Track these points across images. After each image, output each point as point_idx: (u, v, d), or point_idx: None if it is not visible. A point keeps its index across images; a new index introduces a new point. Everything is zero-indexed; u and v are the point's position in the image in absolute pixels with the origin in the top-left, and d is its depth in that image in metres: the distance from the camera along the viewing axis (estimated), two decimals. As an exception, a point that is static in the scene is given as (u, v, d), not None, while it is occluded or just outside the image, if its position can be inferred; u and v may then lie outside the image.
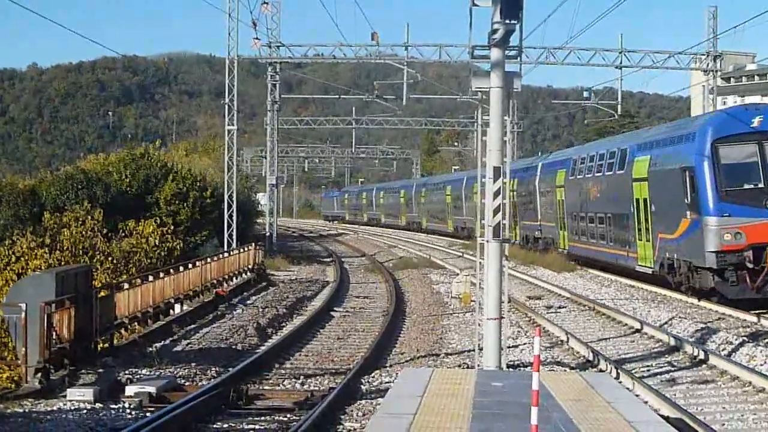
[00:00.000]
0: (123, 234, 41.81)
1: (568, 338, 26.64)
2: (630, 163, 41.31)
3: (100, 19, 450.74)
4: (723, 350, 24.43)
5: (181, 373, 22.17)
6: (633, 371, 21.70)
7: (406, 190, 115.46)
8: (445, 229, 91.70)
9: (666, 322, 29.82)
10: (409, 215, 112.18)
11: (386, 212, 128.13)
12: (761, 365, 22.17)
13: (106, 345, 25.16)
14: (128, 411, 18.19)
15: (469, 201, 79.64)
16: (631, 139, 44.27)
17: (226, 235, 52.88)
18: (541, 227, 58.71)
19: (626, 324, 29.90)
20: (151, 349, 25.62)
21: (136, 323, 28.37)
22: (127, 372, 21.65)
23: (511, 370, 21.09)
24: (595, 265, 48.24)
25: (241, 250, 46.92)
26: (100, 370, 21.75)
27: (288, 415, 17.89)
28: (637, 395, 18.25)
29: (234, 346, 26.70)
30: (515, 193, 60.95)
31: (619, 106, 63.33)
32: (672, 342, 25.51)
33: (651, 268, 38.88)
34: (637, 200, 39.98)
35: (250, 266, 46.67)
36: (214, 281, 39.06)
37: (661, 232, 37.36)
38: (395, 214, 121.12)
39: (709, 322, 29.78)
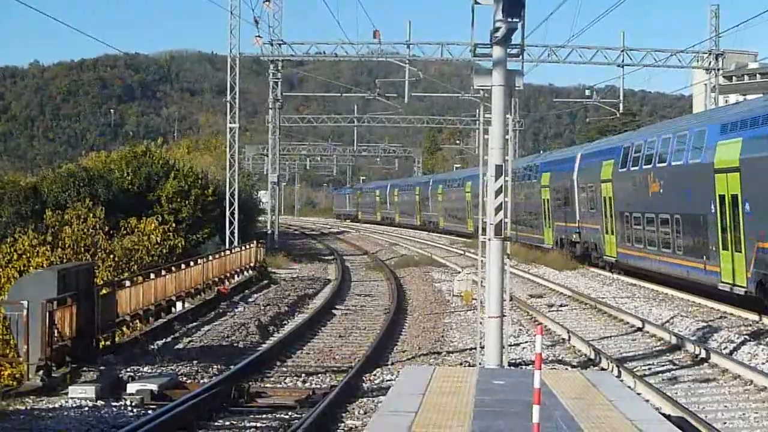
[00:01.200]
0: (125, 232, 41.82)
1: (569, 336, 26.64)
2: (710, 149, 32.79)
3: (102, 17, 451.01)
4: (724, 349, 24.43)
5: (182, 370, 22.18)
6: (635, 370, 21.70)
7: (421, 186, 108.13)
8: (465, 230, 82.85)
9: (667, 321, 29.82)
10: (425, 214, 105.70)
11: (401, 210, 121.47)
12: (763, 364, 22.17)
13: (108, 342, 25.17)
14: (130, 409, 18.20)
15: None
16: (710, 118, 35.65)
17: (227, 233, 52.88)
18: (581, 230, 50.76)
19: (628, 322, 29.90)
20: (152, 346, 25.64)
21: (137, 321, 28.38)
22: (128, 370, 21.66)
23: (512, 368, 21.09)
24: (654, 278, 40.15)
25: (243, 248, 46.93)
26: (102, 368, 21.76)
27: (289, 413, 17.89)
28: (638, 394, 18.26)
29: (235, 344, 26.71)
30: (548, 189, 56.90)
31: (620, 105, 63.41)
32: (673, 340, 25.51)
33: (742, 287, 30.14)
34: (721, 197, 31.54)
35: (251, 264, 46.69)
36: (216, 279, 39.07)
37: (760, 240, 28.80)
38: (410, 213, 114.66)
39: (711, 320, 29.77)
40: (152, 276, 30.43)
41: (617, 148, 44.47)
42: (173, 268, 33.30)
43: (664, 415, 15.50)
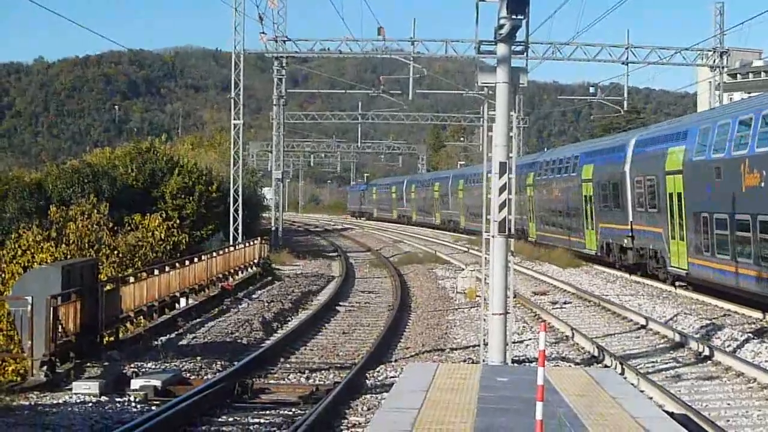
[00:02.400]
0: (129, 228, 41.86)
1: (573, 334, 26.65)
2: None
3: (107, 13, 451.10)
4: (728, 346, 24.42)
5: (186, 366, 22.20)
6: (638, 367, 21.70)
7: (441, 182, 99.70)
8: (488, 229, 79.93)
9: (671, 318, 29.81)
10: (445, 212, 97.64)
11: (418, 208, 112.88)
12: (766, 362, 22.16)
13: (112, 338, 25.19)
14: (133, 404, 18.23)
15: (520, 194, 61.38)
16: None
17: (231, 230, 52.91)
18: (634, 233, 42.62)
19: (631, 320, 29.90)
20: (156, 342, 25.66)
21: (141, 317, 28.39)
22: (132, 365, 21.68)
23: (516, 365, 21.10)
24: (744, 300, 31.50)
25: (247, 245, 46.94)
26: (106, 364, 21.78)
27: (293, 409, 17.91)
28: (642, 391, 18.28)
29: (239, 340, 26.73)
30: (591, 184, 49.09)
31: (625, 102, 63.35)
32: (677, 338, 25.51)
33: None
34: None
35: (255, 260, 46.71)
36: (220, 275, 39.09)
37: None
38: (429, 211, 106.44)
39: (715, 318, 29.76)
40: (156, 272, 30.44)
41: (691, 130, 35.37)
42: (177, 265, 33.32)
43: (667, 412, 15.51)
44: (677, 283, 37.56)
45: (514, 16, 19.23)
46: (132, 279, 28.31)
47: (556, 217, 56.47)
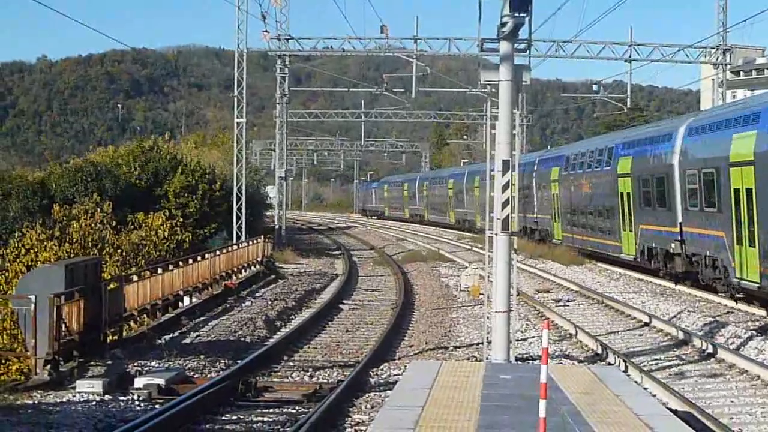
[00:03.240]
0: (132, 226, 41.86)
1: (576, 331, 26.65)
2: None
3: (110, 12, 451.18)
4: (731, 344, 24.41)
5: (189, 365, 22.21)
6: (641, 365, 21.70)
7: (455, 179, 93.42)
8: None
9: (674, 316, 29.80)
10: (459, 211, 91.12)
11: (431, 207, 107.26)
12: (770, 359, 22.16)
13: (115, 337, 25.20)
14: (137, 403, 18.24)
15: (543, 191, 60.72)
16: None
17: (235, 228, 52.92)
18: (685, 236, 36.08)
19: (635, 317, 29.89)
20: (160, 341, 25.68)
21: (145, 315, 28.41)
22: (136, 364, 21.69)
23: (519, 363, 21.10)
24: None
25: (250, 243, 46.96)
26: (109, 362, 21.79)
27: (296, 408, 17.92)
28: (645, 388, 18.29)
29: (243, 339, 26.74)
30: (629, 179, 42.13)
31: (628, 100, 63.18)
32: (680, 335, 25.51)
33: None
34: None
35: (258, 259, 46.73)
36: (223, 274, 39.10)
37: None
38: (443, 210, 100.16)
39: (718, 315, 29.76)
40: (160, 271, 30.46)
41: (765, 111, 28.87)
42: (180, 263, 33.35)
43: (670, 410, 15.51)
44: (738, 296, 31.49)
45: (517, 14, 19.22)
46: (135, 277, 28.32)
47: (586, 217, 50.53)
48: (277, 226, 64.85)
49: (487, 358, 20.58)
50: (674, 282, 37.65)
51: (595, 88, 70.93)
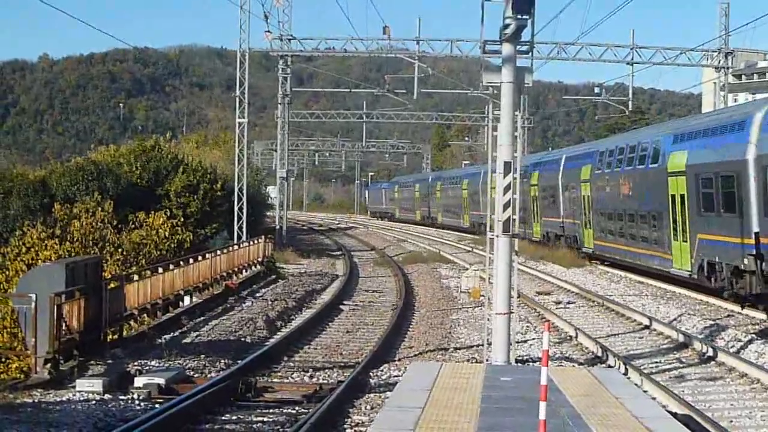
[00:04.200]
0: (133, 226, 41.85)
1: (577, 334, 26.64)
2: None
3: (112, 11, 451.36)
4: (732, 347, 24.41)
5: (190, 364, 22.22)
6: (641, 367, 21.69)
7: (470, 179, 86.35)
8: (530, 235, 62.64)
9: (675, 319, 29.79)
10: (474, 214, 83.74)
11: (444, 209, 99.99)
12: (770, 363, 22.14)
13: (116, 336, 25.21)
14: (137, 402, 18.24)
15: (571, 192, 53.51)
16: None
17: (236, 228, 52.93)
18: (764, 250, 28.75)
19: (635, 320, 29.88)
20: (160, 340, 25.68)
21: (145, 315, 28.42)
22: (136, 363, 21.69)
23: (519, 365, 21.10)
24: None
25: (251, 243, 46.97)
26: (110, 362, 21.80)
27: (296, 408, 17.92)
28: (645, 391, 18.27)
29: (243, 339, 26.74)
30: (683, 178, 35.33)
31: (630, 102, 63.29)
32: (681, 338, 25.50)
33: None
34: None
35: (259, 259, 46.74)
36: (224, 274, 39.11)
37: None
38: (456, 212, 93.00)
39: (718, 319, 29.74)
40: (160, 270, 30.47)
41: None
42: (181, 263, 33.36)
43: (670, 412, 15.50)
44: None
45: (519, 16, 19.24)
46: (136, 277, 28.33)
47: (625, 224, 43.41)
48: (278, 227, 64.86)
49: (487, 360, 20.58)
50: (741, 305, 31.15)
51: (596, 90, 71.00)
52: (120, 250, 37.84)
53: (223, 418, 17.12)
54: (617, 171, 44.50)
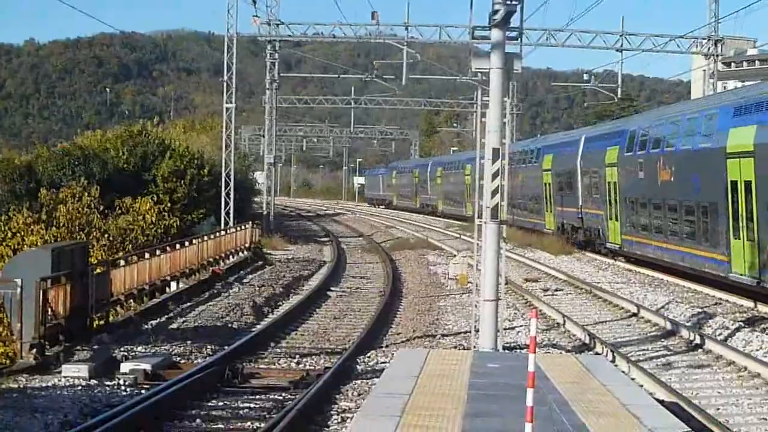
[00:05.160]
0: (120, 211, 41.78)
1: (564, 321, 26.64)
2: None
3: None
4: (719, 335, 24.42)
5: (176, 350, 22.16)
6: (629, 355, 21.70)
7: (473, 165, 71.28)
8: (543, 227, 57.81)
9: (663, 306, 29.82)
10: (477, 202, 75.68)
11: (445, 196, 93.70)
12: (757, 350, 22.17)
13: (102, 322, 25.15)
14: (123, 388, 18.18)
15: (592, 179, 47.59)
16: None
17: (223, 214, 52.83)
18: None
19: (623, 307, 29.90)
20: (146, 326, 25.62)
21: (131, 300, 28.36)
22: (122, 349, 21.64)
23: (507, 351, 21.08)
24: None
25: (238, 229, 46.89)
26: (96, 347, 21.75)
27: (283, 394, 17.87)
28: (632, 379, 18.27)
29: (230, 325, 26.69)
30: (752, 160, 28.43)
31: (619, 90, 63.14)
32: (668, 326, 25.52)
33: None
34: None
35: (246, 245, 46.66)
36: (211, 259, 39.04)
37: None
38: (458, 200, 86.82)
39: (706, 306, 29.77)
40: (147, 256, 30.41)
41: None
42: (168, 248, 33.27)
43: (658, 400, 15.50)
44: None
45: (508, 2, 19.19)
46: (122, 262, 28.25)
47: (665, 217, 36.97)
48: (265, 212, 64.78)
49: (474, 347, 20.56)
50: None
51: (585, 77, 70.84)
52: (106, 235, 37.76)
53: (210, 404, 17.07)
54: (654, 153, 37.61)
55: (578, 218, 50.27)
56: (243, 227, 47.59)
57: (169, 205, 45.54)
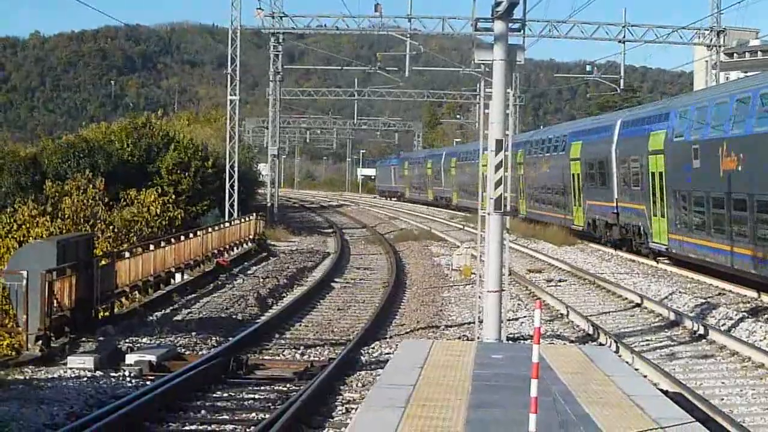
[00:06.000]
0: (124, 203, 41.81)
1: (568, 312, 26.68)
2: None
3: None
4: (723, 325, 24.46)
5: (181, 342, 22.22)
6: (633, 345, 21.74)
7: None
8: (572, 222, 52.43)
9: (666, 297, 29.84)
10: None
11: (460, 188, 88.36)
12: (761, 341, 22.21)
13: (107, 313, 25.21)
14: (128, 379, 18.24)
15: (630, 168, 41.75)
16: None
17: (227, 205, 52.86)
18: None
19: (626, 298, 29.93)
20: (151, 317, 25.68)
21: (136, 292, 28.41)
22: (127, 340, 21.70)
23: (511, 342, 21.13)
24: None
25: (242, 221, 46.94)
26: (101, 338, 21.79)
27: (288, 385, 17.93)
28: (636, 369, 18.31)
29: (234, 316, 26.74)
30: None
31: (621, 81, 63.10)
32: (672, 316, 25.54)
33: None
34: None
35: (251, 236, 46.70)
36: (215, 251, 39.09)
37: None
38: (475, 193, 65.07)
39: (709, 297, 29.80)
40: (152, 247, 30.44)
41: None
42: (172, 240, 33.32)
43: (661, 390, 15.54)
44: None
45: (511, -7, 19.18)
46: (127, 254, 28.29)
47: (729, 213, 30.70)
48: (269, 204, 64.81)
49: (478, 338, 20.61)
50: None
51: (588, 68, 70.79)
52: (111, 227, 37.75)
53: (215, 395, 17.13)
54: (717, 137, 31.41)
55: (613, 213, 44.70)
56: (247, 219, 47.63)
57: (173, 196, 45.54)
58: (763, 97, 28.37)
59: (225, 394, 17.20)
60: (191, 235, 35.97)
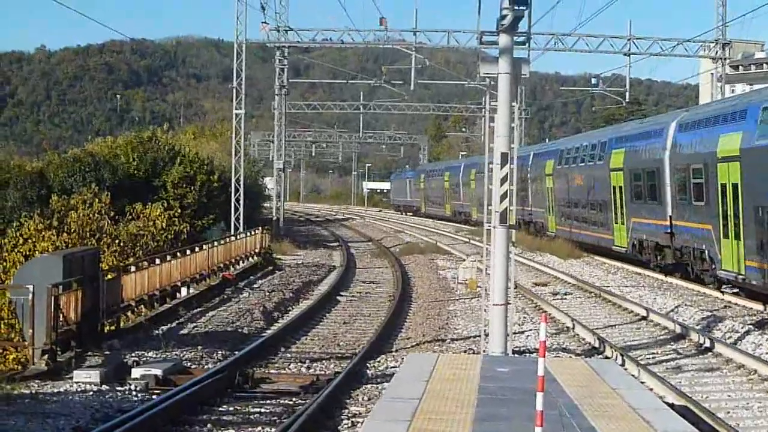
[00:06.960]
0: (130, 217, 41.85)
1: (574, 325, 26.64)
2: None
3: (109, 2, 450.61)
4: (729, 338, 24.42)
5: (187, 356, 22.21)
6: (639, 358, 21.70)
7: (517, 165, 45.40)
8: (611, 243, 46.07)
9: (672, 310, 29.81)
10: (524, 210, 61.58)
11: (481, 204, 61.62)
12: (767, 354, 22.17)
13: (113, 327, 25.21)
14: (134, 393, 18.24)
15: (692, 178, 34.66)
16: None
17: (233, 219, 52.91)
18: None
19: (632, 311, 29.90)
20: (157, 331, 25.67)
21: (142, 306, 28.41)
22: (133, 354, 21.68)
23: (516, 356, 21.10)
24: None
25: (248, 234, 46.95)
26: (107, 353, 21.79)
27: (294, 399, 17.92)
28: (642, 382, 18.28)
29: (240, 330, 26.74)
30: None
31: (627, 93, 63.15)
32: (678, 330, 25.51)
33: None
34: None
35: (256, 250, 46.71)
36: (221, 265, 39.09)
37: None
38: None
39: (715, 310, 29.76)
40: (157, 261, 30.45)
41: None
42: (178, 254, 33.34)
43: (667, 403, 15.52)
44: None
45: (516, 7, 19.21)
46: (133, 268, 28.31)
47: None
48: (275, 218, 64.86)
49: (484, 351, 20.59)
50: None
51: (593, 81, 70.90)
52: (117, 241, 37.82)
53: (221, 409, 17.12)
54: None
55: (665, 234, 38.18)
56: (253, 233, 47.66)
57: (179, 210, 45.62)
58: None
59: (231, 408, 17.19)
60: (197, 249, 35.99)
